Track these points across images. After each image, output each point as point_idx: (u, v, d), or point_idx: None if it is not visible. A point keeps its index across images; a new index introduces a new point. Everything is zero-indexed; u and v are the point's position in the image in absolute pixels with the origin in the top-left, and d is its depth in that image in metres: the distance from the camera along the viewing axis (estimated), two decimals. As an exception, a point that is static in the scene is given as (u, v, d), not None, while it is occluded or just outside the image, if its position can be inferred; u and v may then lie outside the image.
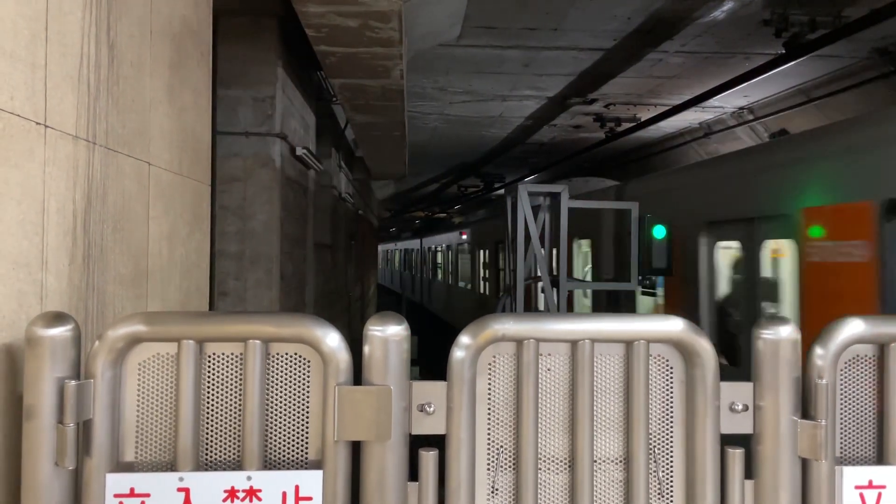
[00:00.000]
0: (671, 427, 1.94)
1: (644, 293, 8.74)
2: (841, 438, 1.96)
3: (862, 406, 1.97)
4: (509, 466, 1.91)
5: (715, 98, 9.66)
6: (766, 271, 6.43)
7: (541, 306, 9.58)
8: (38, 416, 1.70)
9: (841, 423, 1.96)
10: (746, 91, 10.58)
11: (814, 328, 1.96)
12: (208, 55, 3.60)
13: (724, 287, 7.23)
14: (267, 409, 1.84)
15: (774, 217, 6.04)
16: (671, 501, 1.92)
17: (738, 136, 13.01)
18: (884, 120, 5.43)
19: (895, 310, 4.62)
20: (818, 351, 1.90)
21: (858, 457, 1.97)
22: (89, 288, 2.27)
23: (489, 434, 1.91)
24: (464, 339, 1.86)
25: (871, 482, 1.88)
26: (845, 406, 1.97)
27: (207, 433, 1.83)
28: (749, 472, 1.90)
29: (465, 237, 22.09)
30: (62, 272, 2.09)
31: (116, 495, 1.73)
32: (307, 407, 1.85)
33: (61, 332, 1.73)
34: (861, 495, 1.87)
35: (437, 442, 1.86)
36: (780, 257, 6.38)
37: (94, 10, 2.29)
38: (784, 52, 7.75)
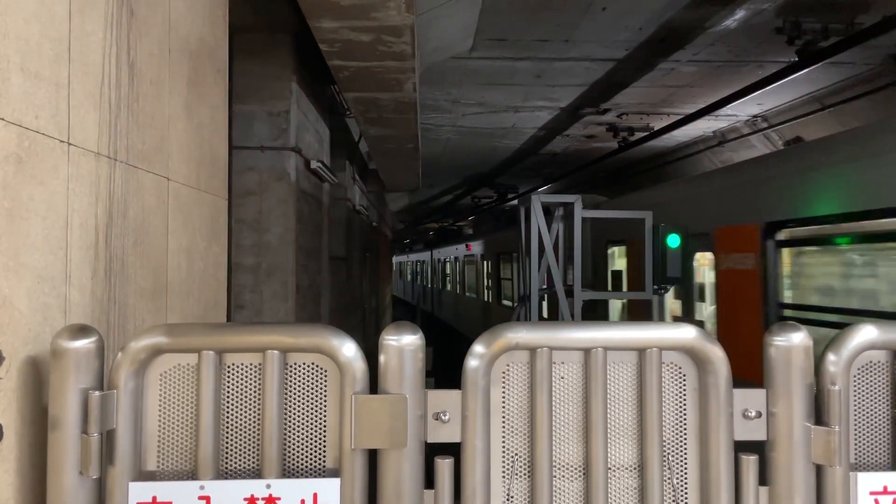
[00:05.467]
0: (685, 434, 1.96)
1: None
2: (855, 444, 1.97)
3: (876, 412, 1.98)
4: (524, 474, 1.93)
5: (728, 106, 9.65)
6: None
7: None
8: (63, 427, 1.75)
9: (855, 429, 1.97)
10: (760, 99, 10.56)
11: None
12: (224, 72, 3.67)
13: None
14: (285, 418, 1.87)
15: None
16: (686, 508, 1.93)
17: (752, 144, 12.98)
18: None
19: None
20: (831, 357, 1.91)
21: (873, 463, 1.97)
22: (111, 301, 2.32)
23: (504, 442, 1.93)
24: (478, 347, 1.89)
25: (885, 488, 1.89)
26: (859, 412, 1.98)
27: (227, 442, 1.87)
28: (763, 478, 1.91)
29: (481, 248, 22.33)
30: (85, 286, 2.14)
31: (139, 503, 1.77)
32: (324, 416, 1.88)
33: (85, 344, 1.78)
34: (876, 501, 1.87)
35: (453, 450, 1.88)
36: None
37: (114, 31, 2.35)
38: (797, 59, 7.74)
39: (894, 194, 4.84)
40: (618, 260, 10.25)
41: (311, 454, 1.88)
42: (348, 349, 1.84)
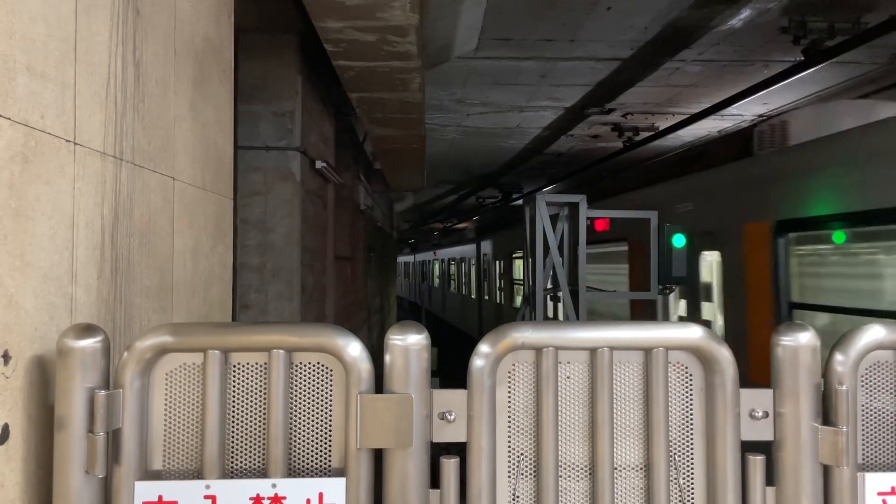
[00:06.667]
0: (691, 434, 1.95)
1: None
2: (863, 445, 1.96)
3: (883, 412, 1.97)
4: (530, 474, 1.92)
5: (733, 106, 9.62)
6: None
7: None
8: (69, 426, 1.75)
9: (862, 430, 1.96)
10: (765, 98, 10.53)
11: None
12: (230, 71, 3.67)
13: None
14: (291, 418, 1.87)
15: None
16: (692, 508, 1.92)
17: (757, 143, 12.94)
18: None
19: None
20: (838, 357, 1.90)
21: (881, 463, 1.96)
22: (117, 301, 2.32)
23: (510, 442, 1.93)
24: (483, 347, 1.89)
25: (893, 489, 1.87)
26: (867, 412, 1.96)
27: (233, 441, 1.87)
28: (770, 478, 1.91)
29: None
30: (91, 285, 2.15)
31: (145, 503, 1.77)
32: (330, 415, 1.88)
33: (91, 343, 1.78)
34: (884, 501, 1.86)
35: (459, 450, 1.88)
36: None
37: (120, 30, 2.36)
38: (803, 59, 7.71)
39: None
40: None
41: (316, 454, 1.88)
42: (353, 349, 1.84)
